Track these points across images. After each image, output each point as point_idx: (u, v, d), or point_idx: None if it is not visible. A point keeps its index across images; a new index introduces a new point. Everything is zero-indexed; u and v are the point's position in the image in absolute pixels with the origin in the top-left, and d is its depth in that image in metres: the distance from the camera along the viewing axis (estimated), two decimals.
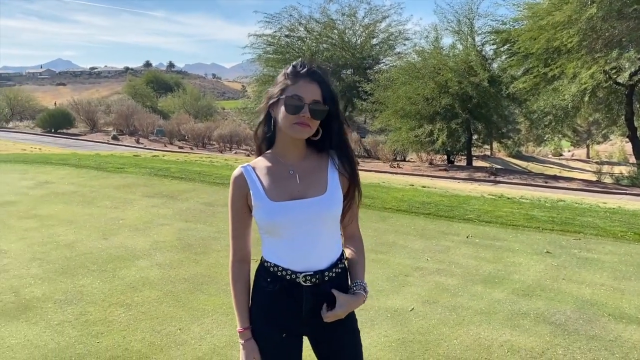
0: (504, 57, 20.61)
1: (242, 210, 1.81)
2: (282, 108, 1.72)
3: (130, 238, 5.93)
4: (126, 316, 3.89)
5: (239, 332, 1.82)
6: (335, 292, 1.79)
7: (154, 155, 15.44)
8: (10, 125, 37.18)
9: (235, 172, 1.81)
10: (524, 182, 16.84)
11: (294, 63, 1.77)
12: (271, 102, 1.78)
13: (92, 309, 4.00)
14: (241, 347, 1.81)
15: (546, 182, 16.67)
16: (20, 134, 30.37)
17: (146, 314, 3.93)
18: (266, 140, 1.85)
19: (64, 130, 31.93)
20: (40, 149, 19.61)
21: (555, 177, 18.53)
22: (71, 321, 3.79)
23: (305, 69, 1.74)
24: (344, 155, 1.83)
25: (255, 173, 1.79)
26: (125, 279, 4.66)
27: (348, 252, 1.92)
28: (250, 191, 1.77)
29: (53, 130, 31.64)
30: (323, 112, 1.74)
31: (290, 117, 1.71)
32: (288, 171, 1.79)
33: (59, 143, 25.32)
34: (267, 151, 1.85)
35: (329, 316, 1.76)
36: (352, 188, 1.85)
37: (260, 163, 1.83)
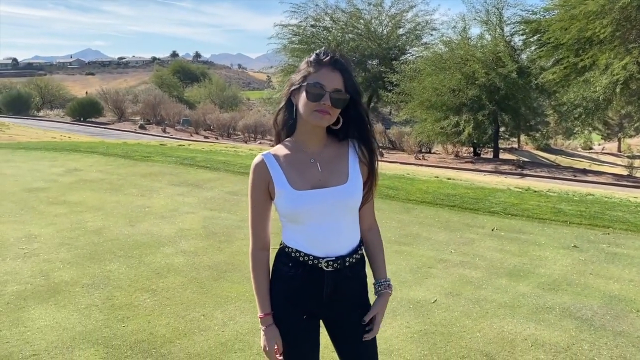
0: (533, 48, 20.10)
1: (263, 198, 1.81)
2: (303, 95, 1.72)
3: (156, 225, 6.02)
4: (151, 301, 3.96)
5: (260, 318, 1.83)
6: (368, 316, 1.90)
7: (180, 145, 15.61)
8: (41, 113, 38.09)
9: (256, 160, 1.80)
10: (552, 175, 16.53)
11: (317, 51, 1.77)
12: (293, 88, 1.77)
13: (119, 294, 4.08)
14: (262, 332, 1.82)
15: (575, 176, 16.34)
16: (50, 122, 31.06)
17: (171, 300, 4.00)
18: (286, 128, 1.85)
19: (93, 119, 32.60)
20: (69, 137, 20.02)
21: (584, 171, 18.14)
22: (98, 305, 3.88)
23: (328, 57, 1.74)
24: (365, 143, 1.83)
25: (277, 161, 1.79)
26: (151, 265, 4.74)
27: (368, 247, 1.94)
28: (273, 179, 1.77)
29: (82, 119, 32.31)
30: (344, 100, 1.73)
31: (310, 105, 1.71)
32: (309, 159, 1.79)
33: (87, 131, 25.84)
34: (287, 139, 1.85)
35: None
36: (371, 176, 1.85)
37: (281, 151, 1.82)
